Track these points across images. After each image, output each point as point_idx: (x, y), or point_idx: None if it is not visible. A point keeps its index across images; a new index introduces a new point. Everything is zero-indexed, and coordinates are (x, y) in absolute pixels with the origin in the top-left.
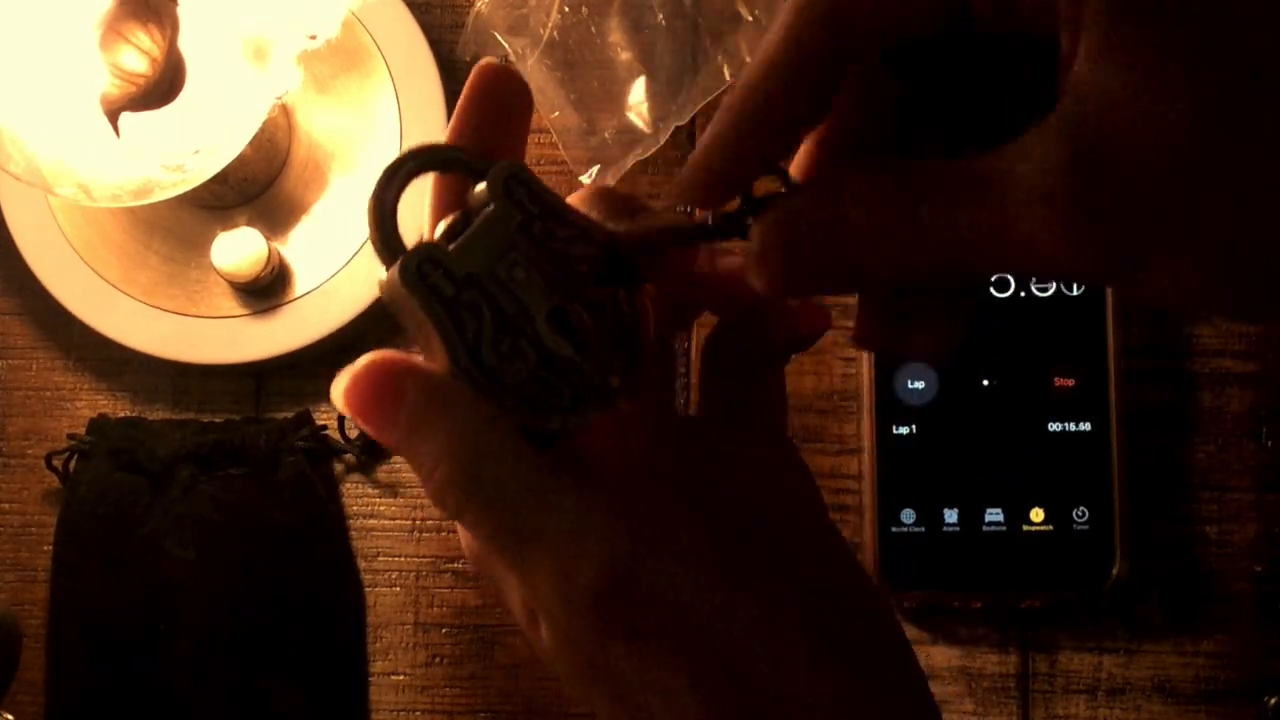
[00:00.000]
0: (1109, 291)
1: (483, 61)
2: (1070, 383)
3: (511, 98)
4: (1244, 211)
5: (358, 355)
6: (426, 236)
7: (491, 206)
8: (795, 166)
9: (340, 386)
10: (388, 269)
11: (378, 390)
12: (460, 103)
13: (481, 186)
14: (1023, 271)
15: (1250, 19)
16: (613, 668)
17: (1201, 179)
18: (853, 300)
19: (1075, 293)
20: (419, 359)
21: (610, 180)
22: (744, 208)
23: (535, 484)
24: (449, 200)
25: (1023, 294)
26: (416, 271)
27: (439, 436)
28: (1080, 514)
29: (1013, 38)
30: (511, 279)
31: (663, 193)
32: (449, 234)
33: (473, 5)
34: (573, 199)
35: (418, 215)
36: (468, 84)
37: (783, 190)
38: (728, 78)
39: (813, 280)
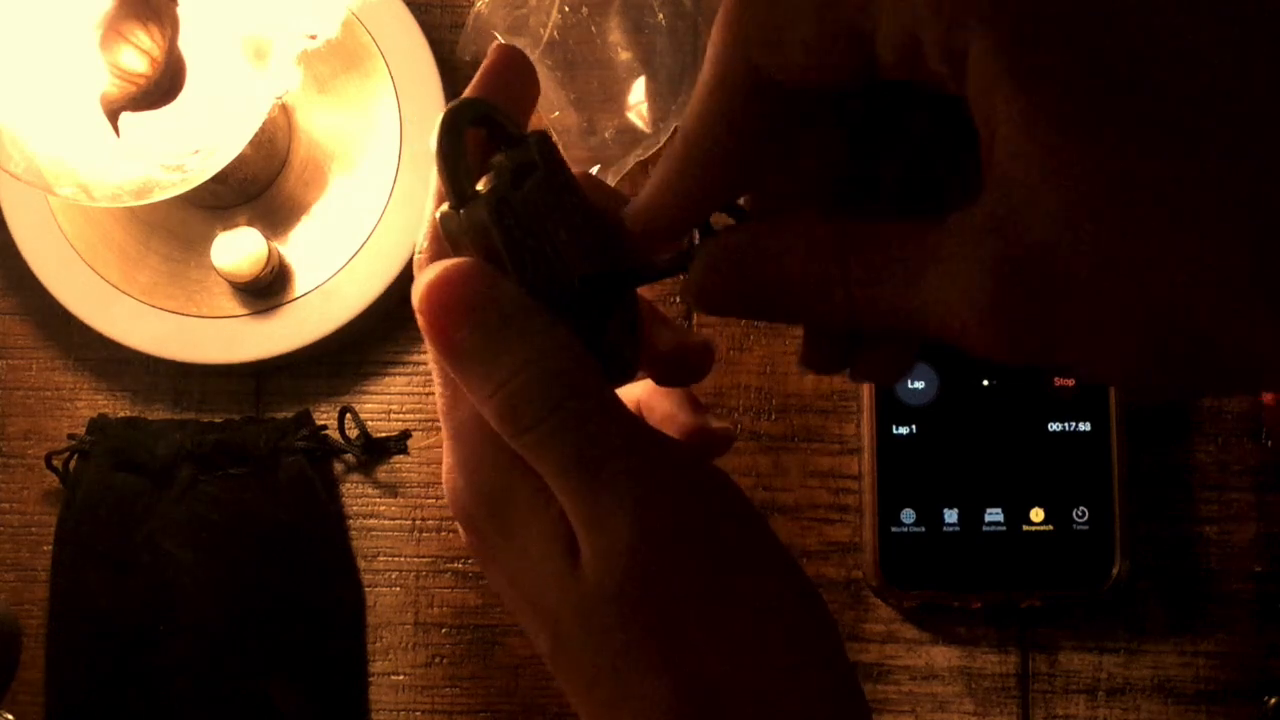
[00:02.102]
0: None
1: (500, 43)
2: (1070, 383)
3: (525, 82)
4: (1169, 304)
5: (358, 355)
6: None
7: (539, 170)
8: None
9: (427, 278)
10: (456, 208)
11: (471, 287)
12: (477, 79)
13: (513, 151)
14: (943, 343)
15: (1165, 115)
16: (669, 629)
17: (1126, 276)
18: None
19: None
20: None
21: (611, 181)
22: (694, 246)
23: (621, 417)
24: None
25: None
26: (495, 211)
27: (529, 342)
28: (1080, 514)
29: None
30: (558, 238)
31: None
32: (507, 175)
33: (473, 5)
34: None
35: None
36: (486, 62)
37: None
38: None
39: (740, 312)
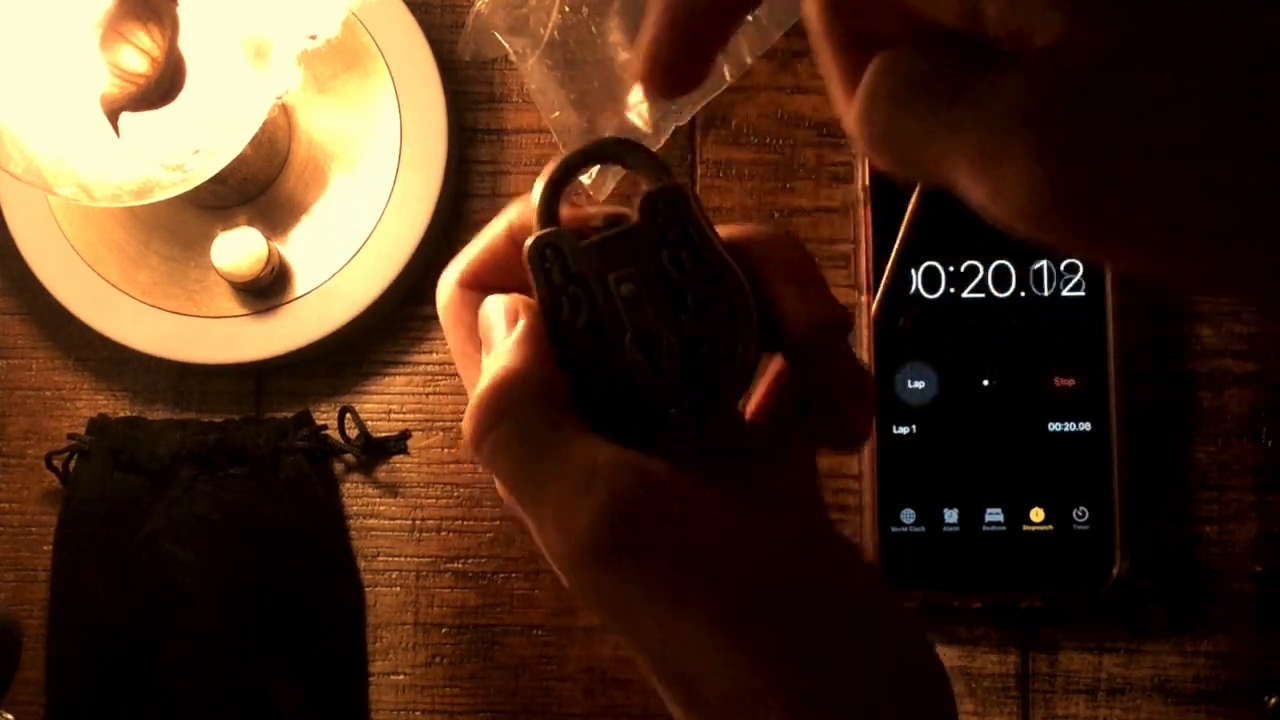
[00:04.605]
0: (1109, 291)
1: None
2: (1070, 383)
3: None
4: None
5: (358, 355)
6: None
7: (633, 220)
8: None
9: (492, 303)
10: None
11: (507, 307)
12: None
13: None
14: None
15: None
16: (635, 618)
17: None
18: None
19: (1075, 293)
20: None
21: (611, 180)
22: None
23: (552, 429)
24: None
25: (1023, 294)
26: (538, 252)
27: (502, 358)
28: (1080, 514)
29: None
30: (618, 292)
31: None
32: (598, 228)
33: (473, 5)
34: (744, 229)
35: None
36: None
37: None
38: (728, 78)
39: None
